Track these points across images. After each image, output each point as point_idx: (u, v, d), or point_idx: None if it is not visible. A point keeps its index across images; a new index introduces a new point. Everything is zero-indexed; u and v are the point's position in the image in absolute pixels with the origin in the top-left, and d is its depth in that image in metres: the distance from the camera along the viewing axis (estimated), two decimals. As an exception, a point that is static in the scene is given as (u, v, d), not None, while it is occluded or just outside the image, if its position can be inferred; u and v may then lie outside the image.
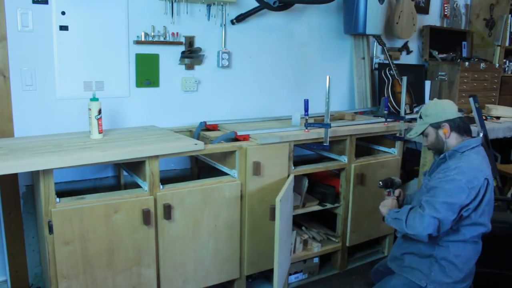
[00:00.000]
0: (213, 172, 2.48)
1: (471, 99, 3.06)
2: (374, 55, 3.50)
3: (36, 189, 2.05)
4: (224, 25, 2.77)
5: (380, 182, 2.13)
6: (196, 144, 2.12)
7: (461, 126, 1.97)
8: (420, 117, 2.07)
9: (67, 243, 1.85)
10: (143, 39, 2.50)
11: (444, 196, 1.80)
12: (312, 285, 2.69)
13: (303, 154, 3.15)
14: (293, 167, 2.47)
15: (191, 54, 2.66)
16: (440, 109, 2.00)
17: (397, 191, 2.14)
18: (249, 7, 2.78)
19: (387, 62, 3.36)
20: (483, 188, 1.84)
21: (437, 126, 1.99)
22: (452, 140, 1.97)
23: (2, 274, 2.39)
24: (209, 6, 2.69)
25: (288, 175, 2.41)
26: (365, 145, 3.07)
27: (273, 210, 2.08)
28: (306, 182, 2.59)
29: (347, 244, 2.81)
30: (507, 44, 4.01)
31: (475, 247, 1.96)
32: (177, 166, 2.74)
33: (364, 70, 3.39)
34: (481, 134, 2.60)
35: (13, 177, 2.27)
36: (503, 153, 3.73)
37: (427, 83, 3.71)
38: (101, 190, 2.21)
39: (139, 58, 2.53)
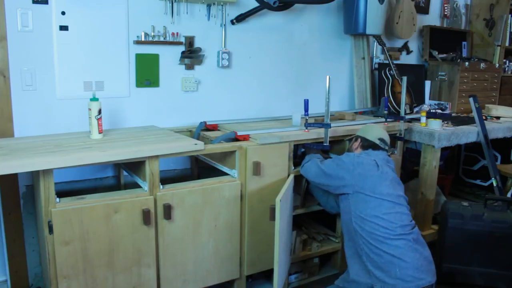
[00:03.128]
0: (213, 172, 2.48)
1: (471, 99, 3.06)
2: (374, 55, 3.50)
3: (36, 189, 2.05)
4: (224, 25, 2.77)
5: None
6: (196, 144, 2.12)
7: (368, 147, 2.29)
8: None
9: (67, 243, 1.85)
10: (143, 39, 2.50)
11: (334, 160, 2.25)
12: (312, 285, 2.69)
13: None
14: (293, 167, 2.47)
15: (191, 54, 2.66)
16: (367, 129, 2.36)
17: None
18: (249, 7, 2.78)
19: (387, 62, 3.36)
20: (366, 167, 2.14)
21: (356, 138, 2.36)
22: (357, 152, 2.32)
23: (2, 274, 2.39)
24: (209, 6, 2.69)
25: (288, 175, 2.41)
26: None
27: (273, 210, 2.08)
28: (305, 182, 2.59)
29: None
30: (507, 44, 4.01)
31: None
32: (177, 166, 2.74)
33: (364, 70, 3.39)
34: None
35: (13, 177, 2.27)
36: (503, 153, 3.73)
37: (427, 83, 3.71)
38: (101, 190, 2.21)
39: (139, 58, 2.53)
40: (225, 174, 2.34)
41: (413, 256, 2.02)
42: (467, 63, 3.58)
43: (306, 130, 2.47)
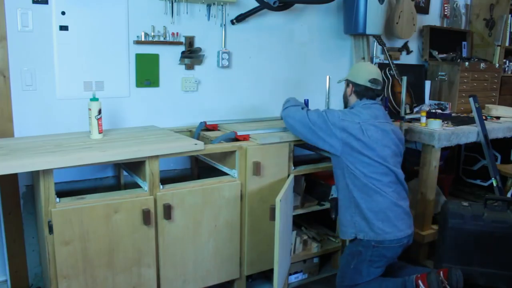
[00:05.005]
0: (213, 172, 2.48)
1: (471, 99, 3.06)
2: (374, 55, 3.50)
3: (36, 189, 2.05)
4: (224, 25, 2.77)
5: None
6: (196, 144, 2.12)
7: (361, 92, 2.28)
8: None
9: (67, 243, 1.85)
10: (143, 39, 2.50)
11: (319, 115, 2.23)
12: (312, 285, 2.69)
13: (303, 154, 3.14)
14: (293, 167, 2.47)
15: (191, 54, 2.66)
16: (356, 71, 2.33)
17: None
18: (249, 7, 2.78)
19: (387, 62, 3.36)
20: (355, 127, 2.16)
21: (348, 83, 2.34)
22: (352, 99, 2.33)
23: (2, 274, 2.39)
24: (209, 6, 2.69)
25: (288, 175, 2.41)
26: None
27: (273, 210, 2.08)
28: (303, 182, 2.60)
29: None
30: (507, 44, 4.01)
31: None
32: (177, 166, 2.74)
33: (364, 70, 3.39)
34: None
35: (13, 177, 2.27)
36: (503, 153, 3.73)
37: (427, 83, 3.71)
38: (101, 190, 2.21)
39: (139, 58, 2.53)
40: (225, 174, 2.34)
41: (396, 210, 2.16)
42: (467, 63, 3.57)
43: (306, 130, 2.47)
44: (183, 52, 2.64)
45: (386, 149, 2.18)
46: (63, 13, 2.29)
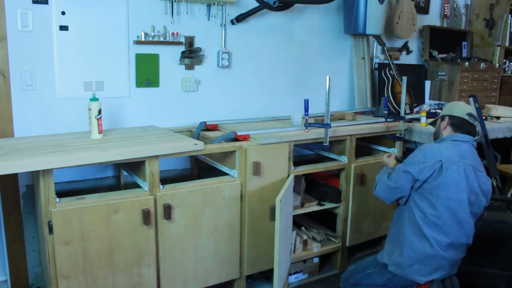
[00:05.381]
0: (213, 172, 2.47)
1: (471, 99, 3.05)
2: (374, 55, 3.50)
3: (36, 189, 2.05)
4: (224, 25, 2.77)
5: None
6: (196, 144, 2.12)
7: (458, 125, 2.05)
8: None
9: (67, 243, 1.85)
10: (143, 39, 2.50)
11: (402, 167, 1.99)
12: (312, 285, 2.69)
13: (303, 154, 3.15)
14: (293, 167, 2.47)
15: (191, 54, 2.66)
16: (452, 106, 2.13)
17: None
18: (249, 7, 2.78)
19: (387, 62, 3.36)
20: (435, 167, 1.90)
21: (442, 118, 2.12)
22: (446, 132, 2.08)
23: (2, 274, 2.39)
24: (209, 6, 2.69)
25: (288, 175, 2.41)
26: (365, 145, 3.07)
27: (273, 210, 2.08)
28: (303, 182, 2.60)
29: (347, 244, 2.81)
30: (507, 44, 4.01)
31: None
32: (177, 166, 2.74)
33: (364, 70, 3.39)
34: (479, 136, 2.60)
35: (13, 177, 2.27)
36: (503, 153, 3.73)
37: (427, 83, 3.71)
38: (101, 190, 2.21)
39: (139, 58, 2.53)
40: (225, 174, 2.34)
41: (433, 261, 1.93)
42: (467, 63, 3.58)
43: (306, 130, 2.47)
44: (183, 52, 2.64)
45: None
46: (63, 13, 2.29)
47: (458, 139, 2.01)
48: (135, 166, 2.15)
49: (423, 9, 3.78)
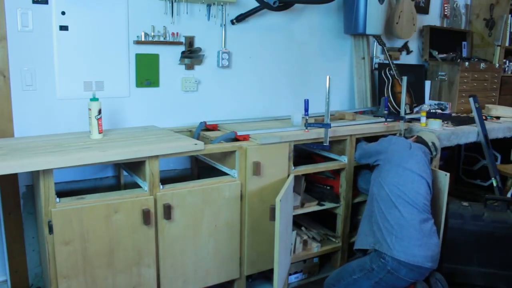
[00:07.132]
0: (213, 172, 2.47)
1: (471, 99, 3.06)
2: (374, 55, 3.50)
3: (36, 189, 2.05)
4: (224, 25, 2.77)
5: None
6: (196, 144, 2.12)
7: (420, 142, 2.50)
8: None
9: (67, 243, 1.85)
10: (143, 39, 2.50)
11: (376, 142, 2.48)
12: (312, 285, 2.69)
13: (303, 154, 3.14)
14: (293, 167, 2.47)
15: (191, 54, 2.66)
16: (426, 133, 2.59)
17: None
18: (249, 7, 2.78)
19: (387, 62, 3.36)
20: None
21: (415, 136, 2.60)
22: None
23: (2, 274, 2.39)
24: (209, 6, 2.69)
25: (288, 175, 2.41)
26: (365, 145, 3.07)
27: (273, 210, 2.08)
28: (303, 182, 2.59)
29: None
30: (507, 44, 4.01)
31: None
32: (177, 166, 2.74)
33: (364, 70, 3.39)
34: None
35: (13, 177, 2.27)
36: (503, 153, 3.73)
37: (427, 83, 3.71)
38: (101, 190, 2.21)
39: (139, 58, 2.53)
40: (225, 174, 2.34)
41: (413, 234, 2.09)
42: (467, 63, 3.57)
43: (306, 130, 2.47)
44: (183, 52, 2.64)
45: None
46: (63, 13, 2.29)
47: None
48: (135, 166, 2.15)
49: (423, 9, 3.78)
